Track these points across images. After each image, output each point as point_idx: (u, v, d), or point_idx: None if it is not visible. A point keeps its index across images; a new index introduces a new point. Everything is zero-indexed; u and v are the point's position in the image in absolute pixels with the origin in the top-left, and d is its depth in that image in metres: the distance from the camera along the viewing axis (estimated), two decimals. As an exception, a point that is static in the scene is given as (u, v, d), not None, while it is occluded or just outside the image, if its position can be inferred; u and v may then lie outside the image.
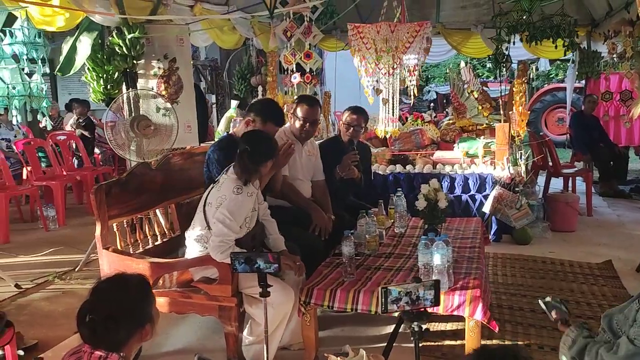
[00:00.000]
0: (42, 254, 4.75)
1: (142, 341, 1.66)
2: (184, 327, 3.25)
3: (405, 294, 1.51)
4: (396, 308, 1.53)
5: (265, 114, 3.10)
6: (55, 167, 6.37)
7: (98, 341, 1.55)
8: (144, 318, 1.62)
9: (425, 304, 1.51)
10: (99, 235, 2.84)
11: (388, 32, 4.58)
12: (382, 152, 5.45)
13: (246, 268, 2.11)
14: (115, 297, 1.60)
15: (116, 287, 1.65)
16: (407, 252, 3.14)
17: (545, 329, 3.11)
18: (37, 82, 3.75)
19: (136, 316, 1.60)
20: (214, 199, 2.65)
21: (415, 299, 1.52)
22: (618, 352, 1.63)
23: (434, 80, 18.87)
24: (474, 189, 4.92)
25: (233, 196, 2.59)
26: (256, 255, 2.08)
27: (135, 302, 1.62)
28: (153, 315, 1.67)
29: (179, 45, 5.03)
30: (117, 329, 1.55)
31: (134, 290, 1.64)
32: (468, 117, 5.69)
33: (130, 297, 1.62)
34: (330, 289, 2.65)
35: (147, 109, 4.71)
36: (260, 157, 2.66)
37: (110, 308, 1.56)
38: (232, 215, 2.58)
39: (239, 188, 2.60)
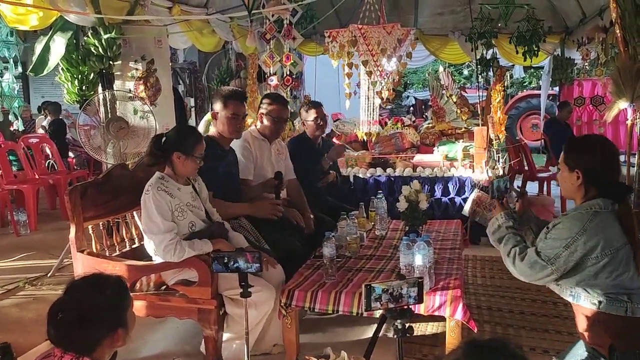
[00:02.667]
0: (13, 259, 4.63)
1: (113, 347, 1.58)
2: (162, 331, 3.19)
3: (389, 291, 1.50)
4: (379, 306, 1.52)
5: (222, 98, 3.14)
6: (27, 171, 6.22)
7: (67, 343, 1.49)
8: (117, 322, 1.56)
9: (409, 301, 1.50)
10: (74, 238, 2.78)
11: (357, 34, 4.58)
12: (363, 155, 5.45)
13: (226, 268, 2.08)
14: (89, 297, 1.53)
15: (91, 286, 1.58)
16: (388, 254, 3.15)
17: (524, 329, 3.14)
18: (8, 82, 3.66)
19: (109, 319, 1.54)
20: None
21: (398, 297, 1.51)
22: (524, 259, 1.93)
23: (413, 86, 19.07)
24: (453, 192, 4.96)
25: (145, 197, 2.61)
26: (236, 255, 2.05)
27: (109, 303, 1.55)
28: (127, 320, 1.60)
29: (157, 46, 4.98)
30: (88, 330, 1.49)
31: (109, 292, 1.58)
32: (447, 120, 5.75)
33: (105, 298, 1.55)
34: (311, 291, 2.63)
35: (123, 111, 4.65)
36: (168, 145, 2.67)
37: (82, 308, 1.50)
38: (154, 217, 2.57)
39: (148, 187, 2.62)
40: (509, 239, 2.03)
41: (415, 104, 15.11)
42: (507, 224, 2.09)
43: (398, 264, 2.80)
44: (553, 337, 3.04)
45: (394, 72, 5.41)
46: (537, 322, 3.22)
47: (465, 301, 2.58)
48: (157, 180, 2.64)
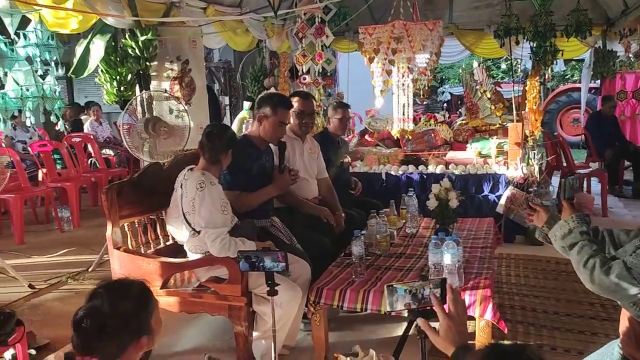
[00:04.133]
0: (56, 254, 4.80)
1: (138, 354, 1.53)
2: (195, 326, 3.26)
3: (411, 292, 1.49)
4: (402, 307, 1.51)
5: (273, 103, 3.15)
6: (70, 169, 6.43)
7: (89, 352, 1.44)
8: (141, 329, 1.50)
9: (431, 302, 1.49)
10: (110, 235, 2.86)
11: (402, 31, 4.54)
12: (395, 152, 5.42)
13: (253, 267, 2.10)
14: (111, 304, 1.47)
15: (113, 293, 1.52)
16: (418, 253, 3.12)
17: (558, 330, 3.06)
18: (50, 84, 3.79)
19: (132, 326, 1.48)
20: (188, 207, 2.67)
21: (421, 298, 1.49)
22: (610, 272, 1.64)
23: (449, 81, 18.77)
24: (487, 190, 4.87)
25: (200, 193, 2.61)
26: (263, 254, 2.07)
27: (132, 311, 1.49)
28: (152, 327, 1.54)
29: (191, 47, 5.07)
30: (110, 339, 1.44)
31: (132, 298, 1.52)
32: (481, 117, 5.64)
33: (128, 305, 1.49)
34: (340, 289, 2.64)
35: (160, 111, 4.75)
36: (225, 141, 2.74)
37: (104, 316, 1.44)
38: (214, 210, 2.60)
39: (201, 183, 2.62)
40: (583, 246, 1.79)
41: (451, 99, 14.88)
42: (580, 228, 1.84)
43: (427, 263, 2.78)
44: (588, 339, 2.95)
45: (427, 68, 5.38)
46: (572, 323, 3.14)
47: (496, 301, 2.54)
48: (204, 174, 2.67)
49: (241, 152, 3.01)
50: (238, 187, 3.03)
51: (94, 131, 8.07)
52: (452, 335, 1.38)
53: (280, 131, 3.18)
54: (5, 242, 5.26)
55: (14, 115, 3.67)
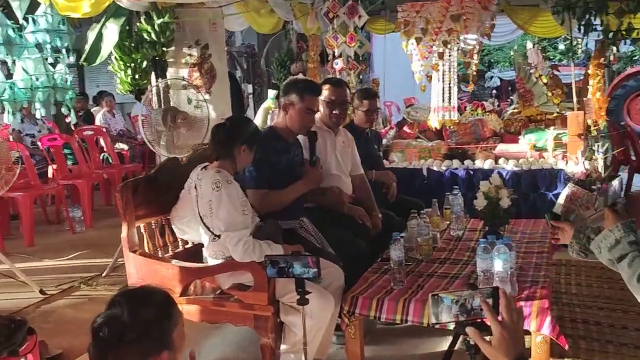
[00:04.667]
0: (68, 257, 4.92)
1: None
2: (218, 337, 3.30)
3: (459, 302, 1.47)
4: (448, 319, 1.49)
5: (299, 89, 3.15)
6: (81, 165, 6.57)
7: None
8: (163, 342, 1.50)
9: (483, 314, 1.47)
10: (125, 237, 2.90)
11: (458, 8, 4.50)
12: (437, 145, 5.37)
13: (281, 273, 2.12)
14: (132, 313, 1.48)
15: (134, 300, 1.54)
16: (465, 258, 3.09)
17: (626, 347, 2.99)
18: (61, 73, 3.88)
19: (153, 338, 1.49)
20: (205, 210, 2.69)
21: (470, 309, 1.48)
22: None
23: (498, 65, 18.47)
24: (542, 187, 4.79)
25: (216, 194, 2.61)
26: (293, 259, 2.08)
27: (154, 321, 1.51)
28: (175, 341, 1.54)
29: (211, 30, 5.12)
30: (129, 351, 1.45)
31: (154, 307, 1.54)
32: (536, 105, 5.53)
33: (150, 314, 1.51)
34: (377, 298, 2.63)
35: (177, 101, 4.82)
36: (237, 136, 2.73)
37: (124, 325, 1.46)
38: (232, 212, 2.61)
39: (216, 182, 2.62)
40: (634, 258, 1.74)
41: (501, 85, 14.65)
42: (628, 238, 1.79)
43: (475, 270, 2.75)
44: (662, 357, 2.88)
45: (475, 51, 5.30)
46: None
47: (554, 313, 2.49)
48: (219, 173, 2.68)
49: (267, 145, 3.03)
50: (265, 185, 3.04)
51: (107, 123, 8.22)
52: (507, 346, 1.36)
53: (308, 120, 3.18)
54: (14, 244, 5.41)
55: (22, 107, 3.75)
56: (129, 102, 10.18)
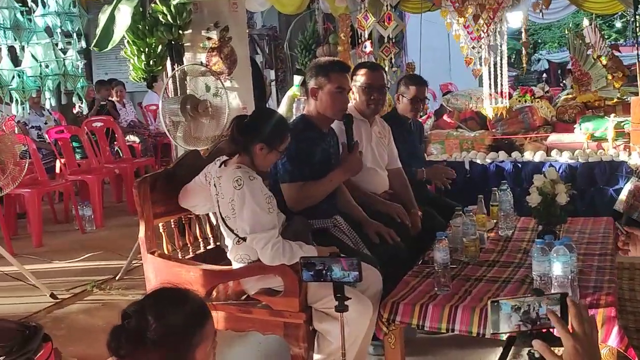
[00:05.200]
0: (79, 259, 5.00)
1: None
2: (243, 346, 3.32)
3: (522, 309, 1.45)
4: (510, 328, 1.47)
5: (324, 69, 3.12)
6: (91, 159, 6.65)
7: (119, 355, 1.52)
8: (178, 356, 1.53)
9: (550, 324, 1.44)
10: (143, 237, 2.92)
11: None
12: (481, 136, 5.31)
13: (318, 276, 2.11)
14: (158, 315, 1.52)
15: (166, 302, 1.58)
16: (516, 260, 3.05)
17: (701, 361, 2.92)
18: (72, 59, 3.93)
19: (177, 350, 1.52)
20: (227, 211, 2.69)
21: (535, 317, 1.45)
22: None
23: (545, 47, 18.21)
24: (601, 182, 4.71)
25: (239, 193, 2.59)
26: (331, 261, 2.07)
27: (176, 332, 1.53)
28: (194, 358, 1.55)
29: (232, 10, 5.13)
30: (145, 353, 1.49)
31: (182, 317, 1.55)
32: (593, 89, 5.43)
33: (175, 322, 1.53)
34: (420, 304, 2.60)
35: (194, 88, 4.84)
36: (253, 133, 2.69)
37: (147, 325, 1.50)
38: (257, 212, 2.59)
39: (237, 180, 2.60)
40: None
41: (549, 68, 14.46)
42: None
43: (529, 274, 2.71)
44: None
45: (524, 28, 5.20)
46: None
47: (621, 323, 2.44)
48: (239, 170, 2.66)
49: (300, 135, 3.03)
50: (300, 178, 3.04)
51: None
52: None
53: (341, 100, 3.15)
54: (21, 244, 5.50)
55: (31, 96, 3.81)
56: (139, 91, 10.26)
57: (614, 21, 15.58)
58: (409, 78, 4.15)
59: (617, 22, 15.68)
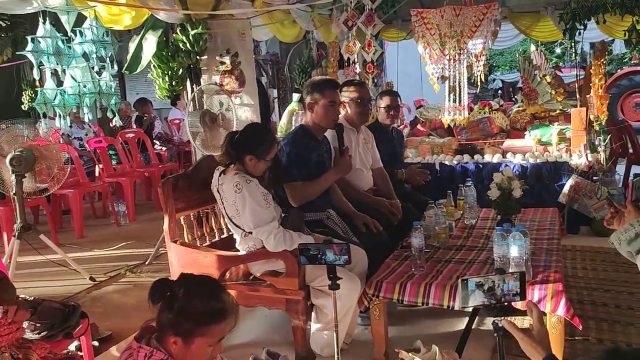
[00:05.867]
0: (114, 248, 4.91)
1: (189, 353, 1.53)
2: (252, 319, 3.25)
3: (487, 286, 1.39)
4: (478, 302, 1.42)
5: (319, 87, 3.09)
6: (125, 164, 6.59)
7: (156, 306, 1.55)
8: (181, 331, 1.51)
9: (510, 298, 1.39)
10: (167, 229, 2.87)
11: (453, 16, 4.39)
12: (449, 142, 5.26)
13: (314, 260, 2.05)
14: (192, 294, 1.53)
15: (203, 289, 1.58)
16: (480, 244, 3.00)
17: (633, 326, 2.89)
18: (106, 80, 3.85)
19: (184, 324, 1.51)
20: (232, 211, 2.65)
21: (499, 294, 1.40)
22: None
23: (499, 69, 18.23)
24: (547, 179, 4.67)
25: (239, 196, 2.56)
26: (325, 247, 2.01)
27: (197, 315, 1.52)
28: (193, 341, 1.52)
29: (240, 39, 5.07)
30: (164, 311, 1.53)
31: (203, 304, 1.54)
32: (540, 103, 5.39)
33: (198, 308, 1.52)
34: (400, 282, 2.55)
35: (210, 105, 4.78)
36: (243, 147, 2.64)
37: (178, 293, 1.53)
38: (256, 208, 2.56)
39: (237, 184, 2.57)
40: None
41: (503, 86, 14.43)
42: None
43: (491, 255, 2.67)
44: (668, 336, 2.76)
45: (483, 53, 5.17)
46: (649, 319, 2.94)
47: (567, 296, 2.39)
48: (237, 175, 2.61)
49: (299, 142, 3.01)
50: (300, 178, 3.00)
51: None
52: (546, 343, 1.37)
53: (333, 112, 3.12)
54: (66, 236, 5.42)
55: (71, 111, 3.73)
56: (165, 108, 10.19)
57: (554, 48, 15.59)
58: (383, 92, 4.20)
59: (557, 49, 15.69)
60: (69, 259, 4.17)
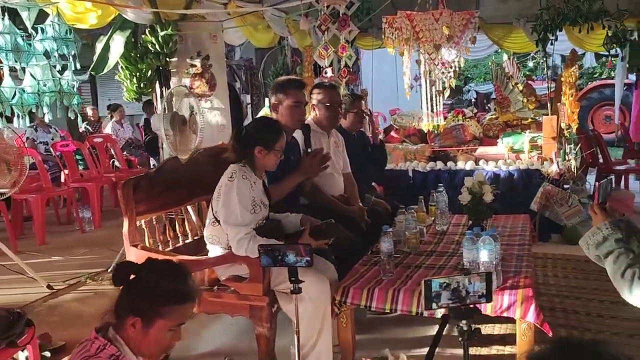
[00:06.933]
0: (77, 255, 4.74)
1: (147, 338, 1.51)
2: (216, 327, 3.14)
3: (452, 287, 1.33)
4: (441, 304, 1.35)
5: (282, 87, 3.05)
6: (91, 169, 6.41)
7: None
8: (140, 312, 1.50)
9: (476, 299, 1.33)
10: (126, 232, 2.75)
11: (432, 22, 4.39)
12: (422, 148, 5.24)
13: (275, 262, 1.96)
14: (150, 272, 1.55)
15: (168, 269, 1.60)
16: (450, 250, 2.95)
17: (603, 334, 2.86)
18: (68, 79, 3.71)
19: (145, 304, 1.49)
20: (215, 192, 2.57)
21: (464, 295, 1.33)
22: None
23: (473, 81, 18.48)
24: (519, 186, 4.67)
25: (228, 183, 2.50)
26: (286, 248, 1.92)
27: (159, 294, 1.51)
28: (154, 323, 1.50)
29: (212, 42, 4.97)
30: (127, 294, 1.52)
31: (168, 287, 1.53)
32: (512, 111, 5.41)
33: (162, 288, 1.52)
34: (367, 288, 2.48)
35: (179, 108, 4.66)
36: (250, 140, 2.58)
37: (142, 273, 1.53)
38: (234, 206, 2.47)
39: (233, 174, 2.51)
40: (619, 255, 1.68)
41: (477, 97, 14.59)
42: (615, 235, 1.72)
43: (461, 261, 2.60)
44: (638, 342, 2.74)
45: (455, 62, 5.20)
46: (618, 326, 2.93)
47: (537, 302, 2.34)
48: (240, 168, 2.55)
49: None
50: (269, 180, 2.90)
51: (115, 133, 8.07)
52: None
53: (299, 113, 3.05)
54: (27, 242, 5.22)
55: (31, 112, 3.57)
56: (138, 114, 10.02)
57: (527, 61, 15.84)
58: (350, 96, 4.06)
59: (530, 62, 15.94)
60: (25, 266, 3.98)
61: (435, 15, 5.06)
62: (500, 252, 2.48)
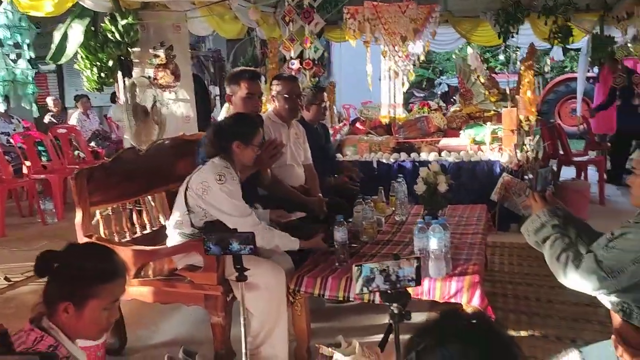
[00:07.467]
0: (38, 247, 4.65)
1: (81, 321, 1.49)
2: (173, 317, 3.14)
3: (382, 272, 1.36)
4: (371, 288, 1.39)
5: (236, 78, 3.04)
6: (54, 161, 6.30)
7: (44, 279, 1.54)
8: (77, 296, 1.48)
9: (406, 283, 1.37)
10: (79, 223, 2.73)
11: (399, 14, 4.45)
12: (387, 140, 5.29)
13: (219, 250, 1.97)
14: (68, 255, 1.54)
15: (89, 251, 1.63)
16: (406, 240, 2.99)
17: (551, 318, 2.97)
18: (22, 68, 3.64)
19: (73, 287, 1.47)
20: (195, 184, 2.52)
21: (394, 279, 1.37)
22: (580, 267, 1.62)
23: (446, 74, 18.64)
24: (481, 177, 4.75)
25: (220, 187, 2.45)
26: (230, 236, 1.94)
27: (84, 275, 1.49)
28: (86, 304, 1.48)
29: (175, 32, 4.93)
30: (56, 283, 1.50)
31: (96, 268, 1.51)
32: (475, 103, 5.51)
33: (86, 269, 1.50)
34: (321, 277, 2.52)
35: (143, 99, 4.62)
36: (228, 134, 2.56)
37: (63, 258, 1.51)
38: (237, 200, 2.49)
39: (222, 176, 2.46)
40: (555, 240, 1.74)
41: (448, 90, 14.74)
42: (552, 222, 1.80)
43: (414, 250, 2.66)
44: (582, 326, 2.85)
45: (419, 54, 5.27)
46: (566, 311, 3.03)
47: (484, 288, 2.41)
48: (224, 168, 2.50)
49: None
50: None
51: (81, 124, 7.93)
52: None
53: (251, 104, 3.04)
54: (-15, 235, 5.13)
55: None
56: (107, 106, 9.85)
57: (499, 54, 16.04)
58: (312, 89, 4.00)
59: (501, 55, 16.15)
60: (-20, 258, 3.93)
61: (402, 8, 5.15)
62: (450, 240, 2.54)
